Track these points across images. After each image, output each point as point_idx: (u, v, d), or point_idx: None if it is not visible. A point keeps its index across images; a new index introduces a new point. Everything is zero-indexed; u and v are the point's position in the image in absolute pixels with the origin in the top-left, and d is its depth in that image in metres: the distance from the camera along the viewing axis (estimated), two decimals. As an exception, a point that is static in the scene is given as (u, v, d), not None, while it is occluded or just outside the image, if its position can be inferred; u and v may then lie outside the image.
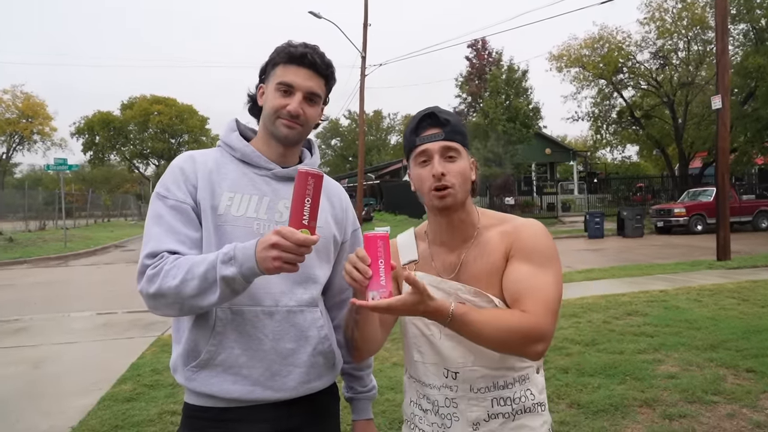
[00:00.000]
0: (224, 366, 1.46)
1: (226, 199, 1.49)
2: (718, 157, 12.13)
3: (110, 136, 52.30)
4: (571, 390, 4.16)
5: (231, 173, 1.54)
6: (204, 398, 1.49)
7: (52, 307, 8.67)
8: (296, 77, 1.51)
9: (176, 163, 1.55)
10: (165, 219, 1.45)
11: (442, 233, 1.51)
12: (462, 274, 1.46)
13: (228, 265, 1.31)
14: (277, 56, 1.54)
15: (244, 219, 1.49)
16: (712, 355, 4.83)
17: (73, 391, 4.62)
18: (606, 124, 32.02)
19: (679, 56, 28.58)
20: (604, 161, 40.34)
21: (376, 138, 69.46)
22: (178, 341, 1.53)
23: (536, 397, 1.47)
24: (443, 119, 1.43)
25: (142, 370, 5.09)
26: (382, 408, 3.93)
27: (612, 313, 6.72)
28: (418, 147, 1.44)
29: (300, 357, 1.52)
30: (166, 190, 1.49)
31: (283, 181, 1.57)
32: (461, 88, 32.20)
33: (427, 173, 1.42)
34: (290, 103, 1.50)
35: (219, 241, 1.46)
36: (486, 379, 1.42)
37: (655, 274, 10.02)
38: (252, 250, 1.30)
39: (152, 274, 1.37)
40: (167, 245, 1.42)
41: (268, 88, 1.55)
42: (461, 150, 1.44)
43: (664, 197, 29.71)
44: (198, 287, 1.34)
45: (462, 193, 1.43)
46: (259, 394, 1.47)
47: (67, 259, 17.47)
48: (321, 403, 1.62)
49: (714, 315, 6.40)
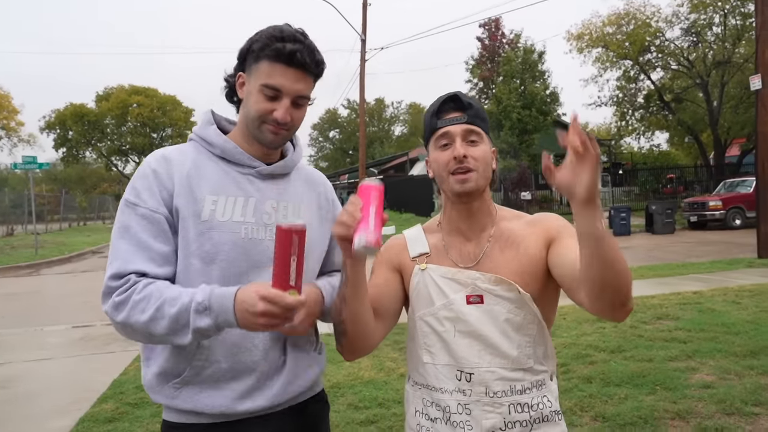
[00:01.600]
0: (211, 381, 1.48)
1: (209, 203, 1.49)
2: (758, 144, 12.11)
3: (84, 130, 52.41)
4: (596, 401, 4.18)
5: (212, 174, 1.53)
6: (187, 415, 1.51)
7: (23, 321, 8.71)
8: (284, 80, 1.48)
9: (148, 164, 1.52)
10: (133, 232, 1.44)
11: (460, 221, 1.56)
12: (484, 264, 1.51)
13: (202, 315, 1.34)
14: (262, 49, 1.48)
15: (231, 224, 1.50)
16: (753, 363, 4.84)
17: (49, 413, 4.66)
18: (632, 109, 31.97)
19: (714, 32, 28.48)
20: (630, 150, 40.26)
21: (379, 129, 69.54)
22: (151, 358, 1.54)
23: (553, 404, 1.51)
24: (466, 103, 1.51)
25: (125, 387, 5.13)
26: (389, 423, 3.97)
27: (640, 317, 6.73)
28: (439, 130, 1.51)
29: (288, 364, 1.56)
30: (136, 197, 1.48)
31: (268, 180, 1.59)
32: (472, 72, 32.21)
33: (448, 156, 1.48)
34: (277, 109, 1.49)
35: (204, 249, 1.47)
36: (503, 383, 1.45)
37: (688, 274, 10.03)
38: (230, 303, 1.33)
39: (119, 302, 1.39)
40: (135, 265, 1.41)
41: (251, 84, 1.52)
42: (483, 135, 1.52)
43: (697, 189, 29.67)
44: (168, 328, 1.36)
45: (483, 178, 1.50)
46: (248, 406, 1.50)
47: (39, 267, 17.52)
48: (311, 412, 1.66)
49: (754, 318, 6.40)
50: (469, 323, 1.47)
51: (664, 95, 30.47)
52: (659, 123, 32.55)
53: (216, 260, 1.47)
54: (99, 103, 52.87)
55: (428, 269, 1.54)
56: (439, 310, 1.50)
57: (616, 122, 33.66)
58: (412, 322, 1.57)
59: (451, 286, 1.50)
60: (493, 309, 1.46)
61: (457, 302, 1.48)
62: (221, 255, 1.48)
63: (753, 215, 14.40)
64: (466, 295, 1.48)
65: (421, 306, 1.54)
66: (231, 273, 1.48)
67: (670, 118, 31.03)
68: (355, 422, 4.03)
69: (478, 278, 1.47)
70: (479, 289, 1.47)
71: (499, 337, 1.46)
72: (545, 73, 28.99)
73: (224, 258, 1.48)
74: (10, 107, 44.18)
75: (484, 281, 1.47)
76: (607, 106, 32.30)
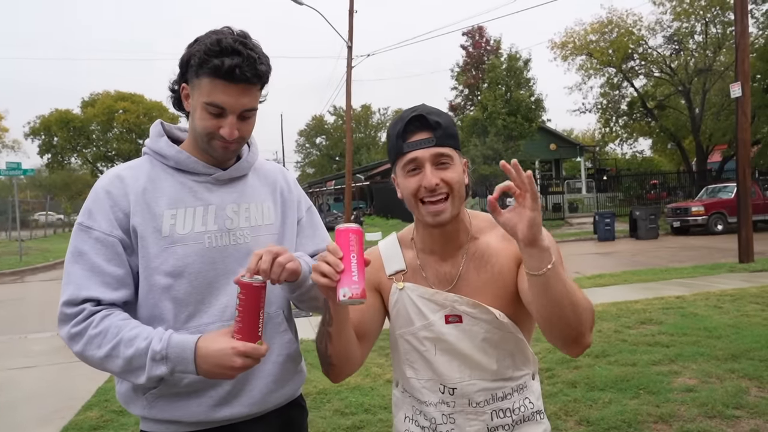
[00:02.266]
0: (188, 389, 1.48)
1: (168, 218, 1.48)
2: (739, 150, 12.22)
3: (70, 136, 51.92)
4: (580, 406, 4.20)
5: (167, 187, 1.51)
6: (165, 425, 1.50)
7: (7, 329, 8.64)
8: (226, 97, 1.43)
9: (101, 185, 1.51)
10: (87, 256, 1.44)
11: (434, 243, 1.52)
12: (461, 287, 1.48)
13: (159, 364, 1.35)
14: (200, 66, 1.42)
15: (194, 235, 1.49)
16: (734, 366, 4.89)
17: (33, 421, 4.61)
18: (616, 115, 32.22)
19: (696, 40, 28.81)
20: (615, 156, 40.59)
21: (365, 135, 69.51)
22: None
23: (534, 404, 1.52)
24: (433, 122, 1.40)
25: (109, 395, 5.08)
26: (376, 429, 3.96)
27: (624, 321, 6.78)
28: (406, 154, 1.41)
29: (265, 367, 1.55)
30: (90, 220, 1.47)
31: (226, 185, 1.58)
32: (457, 79, 32.33)
33: (417, 182, 1.41)
34: (223, 126, 1.46)
35: (170, 263, 1.46)
36: (485, 393, 1.47)
37: (671, 279, 10.11)
38: (190, 356, 1.34)
39: (75, 333, 1.39)
40: (88, 291, 1.41)
41: (195, 100, 1.47)
42: (454, 155, 1.43)
43: (680, 195, 29.89)
44: (122, 368, 1.37)
45: (458, 200, 1.43)
46: (227, 413, 1.50)
47: (23, 274, 17.36)
48: (288, 417, 1.66)
49: (736, 322, 6.47)
50: (448, 342, 1.47)
51: (647, 102, 30.74)
52: (642, 129, 32.82)
53: (184, 274, 1.47)
54: (85, 109, 52.41)
55: (406, 288, 1.51)
56: (418, 330, 1.49)
57: (600, 129, 33.90)
58: (393, 337, 1.57)
59: (430, 306, 1.48)
60: (472, 329, 1.46)
61: (436, 323, 1.47)
62: (189, 268, 1.47)
63: (734, 220, 14.55)
64: (445, 315, 1.46)
65: (400, 325, 1.52)
66: (199, 283, 1.48)
67: (653, 124, 31.30)
68: (342, 428, 4.02)
69: (455, 300, 1.46)
70: (457, 311, 1.46)
71: (479, 354, 1.46)
72: (530, 80, 29.16)
73: (192, 270, 1.47)
74: (-6, 113, 43.73)
75: (462, 303, 1.46)
76: (591, 112, 32.57)
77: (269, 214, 1.63)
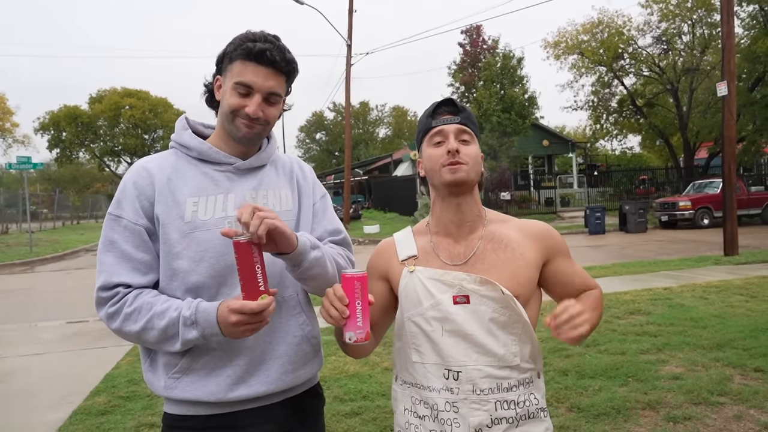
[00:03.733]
0: (207, 368, 1.50)
1: (190, 205, 1.52)
2: (725, 147, 12.24)
3: (78, 132, 51.83)
4: (571, 393, 4.21)
5: (191, 177, 1.55)
6: (186, 406, 1.52)
7: (18, 317, 8.62)
8: (255, 77, 1.50)
9: (128, 177, 1.56)
10: (117, 244, 1.49)
11: (449, 220, 1.56)
12: (474, 264, 1.51)
13: (190, 328, 1.41)
14: (234, 50, 1.52)
15: (214, 220, 1.51)
16: (719, 355, 4.91)
17: (43, 406, 4.61)
18: (606, 113, 32.22)
19: (683, 40, 28.82)
20: (605, 153, 40.58)
21: (364, 131, 69.47)
22: (150, 353, 1.56)
23: (539, 401, 1.51)
24: (460, 106, 1.56)
25: (117, 381, 5.09)
26: (373, 415, 3.97)
27: (614, 312, 6.80)
28: (434, 128, 1.54)
29: (280, 347, 1.57)
30: (118, 209, 1.52)
31: (245, 174, 1.61)
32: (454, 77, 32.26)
33: (442, 150, 1.51)
34: (249, 105, 1.51)
35: (191, 248, 1.49)
36: (489, 380, 1.45)
37: (659, 271, 10.14)
38: (213, 317, 1.39)
39: (112, 313, 1.46)
40: (120, 277, 1.47)
41: (226, 84, 1.55)
42: (474, 138, 1.56)
43: (668, 190, 29.95)
44: (158, 338, 1.44)
45: (474, 173, 1.52)
46: (243, 392, 1.51)
47: (33, 264, 17.34)
48: (306, 404, 1.66)
49: (720, 313, 6.49)
50: (456, 323, 1.46)
51: (637, 100, 30.74)
52: (632, 126, 32.83)
53: (205, 258, 1.49)
54: (92, 105, 52.30)
55: (416, 271, 1.53)
56: (426, 310, 1.49)
57: (591, 125, 33.92)
58: (401, 323, 1.57)
59: (438, 287, 1.49)
60: (479, 309, 1.46)
61: (444, 302, 1.48)
62: (210, 252, 1.49)
63: (720, 215, 14.57)
64: (452, 296, 1.47)
65: (409, 307, 1.53)
66: (220, 267, 1.50)
67: (642, 122, 31.29)
68: (341, 414, 4.02)
69: (464, 279, 1.47)
70: (465, 290, 1.47)
71: (485, 336, 1.45)
72: (524, 78, 29.11)
73: (213, 254, 1.49)
74: (5, 108, 43.55)
75: (470, 282, 1.47)
76: (582, 110, 32.53)
77: (287, 200, 1.66)
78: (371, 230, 23.03)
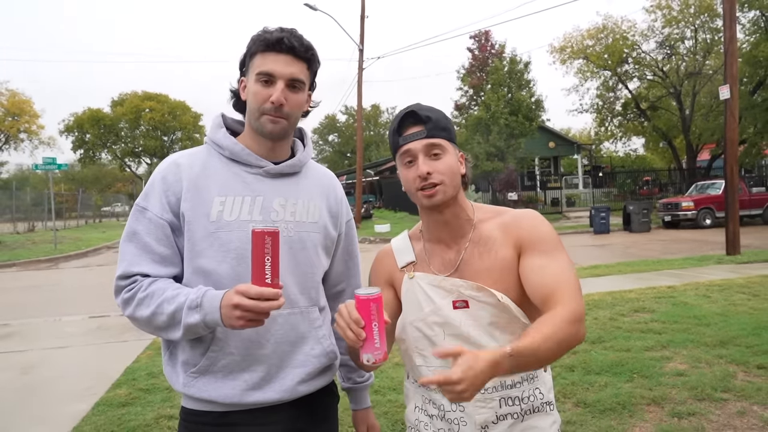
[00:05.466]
0: (225, 371, 1.48)
1: (217, 204, 1.48)
2: (727, 149, 12.14)
3: (101, 133, 52.24)
4: (578, 389, 4.18)
5: (220, 176, 1.52)
6: (202, 403, 1.50)
7: (43, 311, 8.68)
8: (275, 65, 1.47)
9: (159, 171, 1.53)
10: (139, 236, 1.47)
11: (438, 230, 1.52)
12: (463, 271, 1.47)
13: (193, 312, 1.37)
14: (253, 45, 1.50)
15: (238, 223, 1.48)
16: (722, 352, 4.85)
17: (66, 397, 4.64)
18: (611, 116, 32.04)
19: (686, 45, 28.56)
20: (610, 154, 40.34)
21: (375, 133, 69.46)
22: (170, 348, 1.55)
23: (545, 395, 1.48)
24: (424, 116, 1.43)
25: (137, 374, 5.11)
26: (384, 409, 3.95)
27: (618, 309, 6.74)
28: (401, 147, 1.45)
29: (298, 357, 1.54)
30: (145, 201, 1.50)
31: (276, 178, 1.56)
32: (463, 81, 32.20)
33: (413, 174, 1.43)
34: (272, 93, 1.48)
35: (214, 248, 1.46)
36: (493, 379, 1.43)
37: (663, 270, 10.03)
38: (217, 303, 1.34)
39: (127, 299, 1.44)
40: (139, 267, 1.45)
41: (249, 80, 1.52)
42: (446, 145, 1.45)
43: (671, 191, 29.74)
44: (165, 323, 1.41)
45: (452, 188, 1.44)
46: (258, 397, 1.49)
47: (58, 261, 17.46)
48: (320, 404, 1.64)
49: (723, 311, 6.42)
50: (456, 327, 1.45)
51: (641, 103, 30.52)
52: (636, 129, 32.62)
53: (226, 258, 1.46)
54: (114, 108, 52.69)
55: (416, 277, 1.51)
56: (428, 315, 1.48)
57: (596, 128, 33.75)
58: (402, 327, 1.55)
59: (438, 292, 1.47)
60: (478, 313, 1.44)
61: (444, 308, 1.46)
62: (231, 253, 1.46)
63: (722, 215, 14.45)
64: (452, 301, 1.45)
65: (411, 312, 1.51)
66: (241, 269, 1.46)
67: (645, 124, 31.10)
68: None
69: (461, 285, 1.45)
70: (464, 295, 1.44)
71: (486, 338, 1.43)
72: (530, 81, 29.01)
73: (234, 256, 1.46)
74: (31, 112, 43.94)
75: (467, 288, 1.44)
76: (587, 113, 32.43)
77: (315, 212, 1.61)
78: (382, 229, 23.00)
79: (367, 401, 1.82)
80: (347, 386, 1.81)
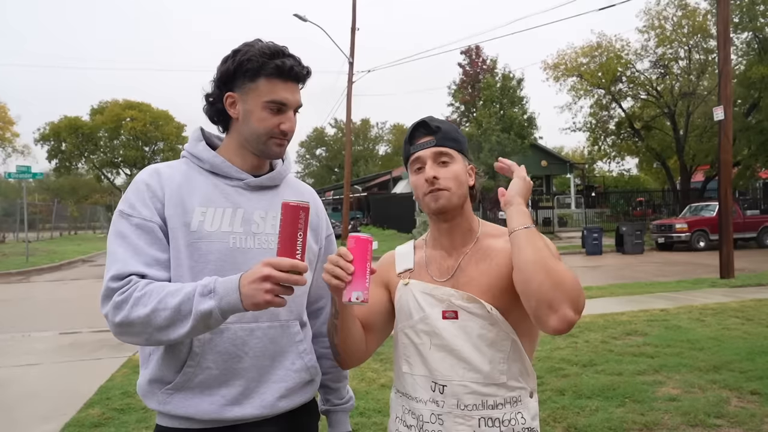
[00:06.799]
0: (202, 387, 1.47)
1: (198, 215, 1.48)
2: (721, 171, 12.29)
3: (78, 143, 51.80)
4: (568, 413, 4.18)
5: (201, 186, 1.53)
6: (179, 420, 1.49)
7: (12, 327, 8.55)
8: (288, 94, 1.51)
9: (141, 178, 1.52)
10: (129, 239, 1.43)
11: (441, 237, 1.59)
12: (458, 278, 1.51)
13: (206, 298, 1.30)
14: (260, 68, 1.48)
15: (219, 234, 1.49)
16: (715, 377, 4.88)
17: (35, 418, 4.56)
18: (604, 135, 32.39)
19: (680, 65, 29.06)
20: (603, 174, 40.72)
21: (364, 148, 69.62)
22: (147, 363, 1.52)
23: (527, 422, 1.48)
24: (434, 127, 1.54)
25: (111, 393, 5.04)
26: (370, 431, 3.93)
27: (610, 332, 6.77)
28: (412, 155, 1.55)
29: (278, 372, 1.54)
30: (130, 208, 1.47)
31: (256, 191, 1.59)
32: (454, 97, 32.45)
33: (421, 179, 1.52)
34: (284, 121, 1.52)
35: (193, 258, 1.46)
36: (474, 396, 1.44)
37: (656, 293, 10.12)
38: (235, 284, 1.29)
39: (120, 301, 1.35)
40: (134, 267, 1.40)
41: (250, 103, 1.51)
42: (454, 155, 1.54)
43: (665, 212, 30.02)
44: (169, 318, 1.32)
45: (457, 196, 1.52)
46: (237, 413, 1.48)
47: (29, 274, 17.24)
48: (299, 421, 1.63)
49: (717, 335, 6.47)
50: (443, 338, 1.47)
51: (634, 123, 30.91)
52: (629, 149, 32.98)
53: (204, 270, 1.45)
54: (93, 116, 52.34)
55: (410, 284, 1.56)
56: (416, 323, 1.51)
57: (589, 147, 34.07)
58: (395, 334, 1.60)
59: (429, 300, 1.51)
60: (467, 325, 1.46)
61: (432, 317, 1.49)
62: (210, 265, 1.46)
63: (716, 238, 14.58)
64: (442, 311, 1.48)
65: (402, 319, 1.56)
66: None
67: (639, 144, 31.45)
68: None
69: (452, 295, 1.48)
70: (454, 306, 1.47)
71: (472, 351, 1.45)
72: (523, 98, 29.28)
73: (212, 268, 1.46)
74: (6, 118, 43.60)
75: (458, 298, 1.47)
76: (581, 131, 32.71)
77: None
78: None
79: (346, 425, 1.80)
80: (325, 408, 1.79)
